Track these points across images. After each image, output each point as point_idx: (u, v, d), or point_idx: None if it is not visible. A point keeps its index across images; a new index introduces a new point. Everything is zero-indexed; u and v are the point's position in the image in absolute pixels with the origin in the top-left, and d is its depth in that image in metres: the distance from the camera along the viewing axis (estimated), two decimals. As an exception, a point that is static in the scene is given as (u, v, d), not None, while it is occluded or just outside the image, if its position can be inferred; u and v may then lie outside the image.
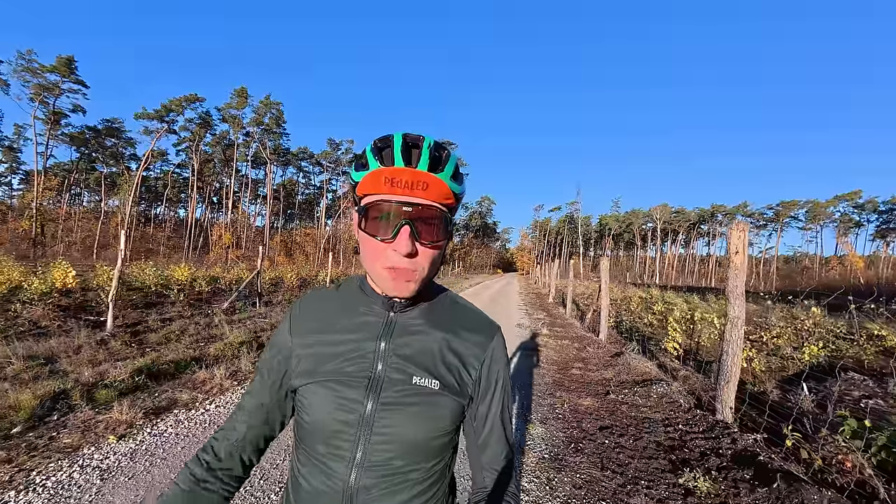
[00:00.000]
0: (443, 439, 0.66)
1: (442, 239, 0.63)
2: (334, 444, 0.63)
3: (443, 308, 0.72)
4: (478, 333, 0.71)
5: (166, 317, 8.71)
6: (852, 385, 4.23)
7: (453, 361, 0.67)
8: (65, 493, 2.21)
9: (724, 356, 3.62)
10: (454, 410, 0.66)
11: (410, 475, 0.64)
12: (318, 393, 0.65)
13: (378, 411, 0.62)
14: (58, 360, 4.95)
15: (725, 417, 3.48)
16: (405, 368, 0.65)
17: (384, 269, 0.62)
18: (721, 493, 2.42)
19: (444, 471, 0.69)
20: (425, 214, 0.60)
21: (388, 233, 0.60)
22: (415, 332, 0.68)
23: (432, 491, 0.67)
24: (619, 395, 4.36)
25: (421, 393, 0.64)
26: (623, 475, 2.67)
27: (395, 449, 0.63)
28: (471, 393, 0.69)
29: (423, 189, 0.59)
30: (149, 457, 2.66)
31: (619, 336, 8.03)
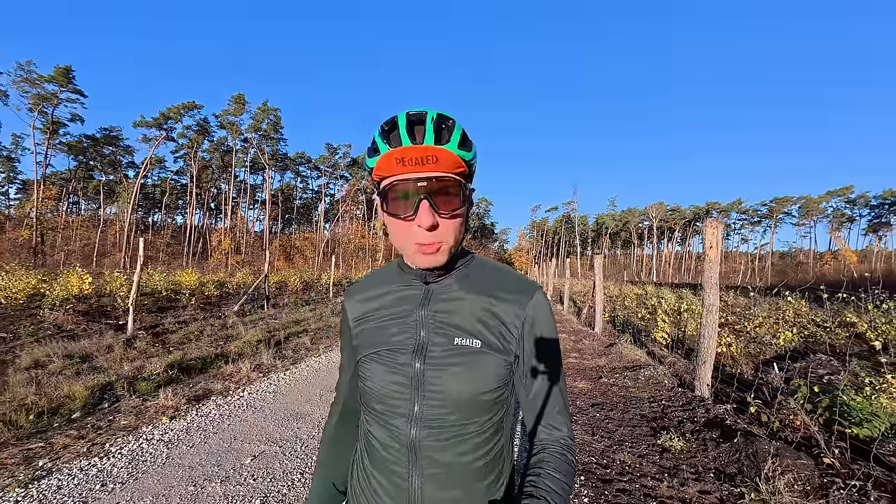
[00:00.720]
0: (491, 395, 0.68)
1: (460, 207, 0.65)
2: (392, 402, 0.69)
3: (478, 272, 0.76)
4: (516, 293, 0.72)
5: (180, 319, 9.09)
6: (819, 365, 4.68)
7: (492, 321, 0.70)
8: (141, 458, 2.63)
9: (702, 339, 4.07)
10: (498, 367, 0.68)
11: (466, 428, 0.67)
12: (374, 361, 0.72)
13: (426, 371, 0.67)
14: (94, 358, 5.34)
15: (703, 393, 3.93)
16: (446, 331, 0.69)
17: (413, 244, 0.65)
18: (692, 449, 2.87)
19: (500, 424, 0.72)
20: (440, 186, 0.63)
21: (409, 210, 0.63)
22: (452, 298, 0.72)
23: (490, 444, 0.70)
24: (610, 379, 4.80)
25: (463, 353, 0.68)
26: (610, 439, 3.11)
27: (447, 404, 0.67)
28: (515, 350, 0.70)
29: (434, 162, 0.61)
30: (202, 431, 3.08)
31: (613, 329, 8.49)
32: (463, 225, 0.69)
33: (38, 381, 4.31)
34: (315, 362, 5.61)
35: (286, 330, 8.08)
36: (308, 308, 11.99)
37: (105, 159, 52.22)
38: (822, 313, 7.86)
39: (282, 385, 4.42)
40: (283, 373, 4.99)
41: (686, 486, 2.41)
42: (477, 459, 0.68)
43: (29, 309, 8.72)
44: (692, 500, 2.26)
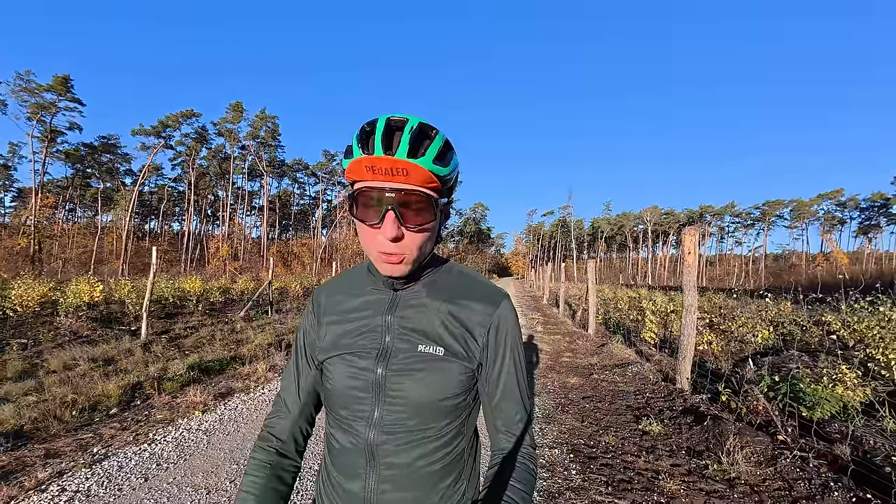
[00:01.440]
0: (452, 401, 0.69)
1: (428, 221, 0.65)
2: (354, 407, 0.69)
3: (447, 280, 0.76)
4: (482, 302, 0.73)
5: (189, 325, 9.41)
6: (791, 360, 5.10)
7: (457, 329, 0.71)
8: (185, 443, 2.99)
9: (682, 337, 4.48)
10: (461, 374, 0.69)
11: (425, 432, 0.68)
12: (337, 364, 0.72)
13: (388, 378, 0.68)
14: (116, 361, 5.68)
15: (683, 386, 4.33)
16: (410, 338, 0.70)
17: (377, 252, 0.66)
18: (668, 432, 3.26)
19: (460, 430, 0.72)
20: (409, 199, 0.62)
21: (376, 219, 0.63)
22: (417, 305, 0.72)
23: (448, 448, 0.71)
24: (600, 375, 5.20)
25: (426, 359, 0.68)
26: (598, 425, 3.50)
27: (407, 410, 0.68)
28: (479, 358, 0.72)
29: (404, 175, 0.60)
30: (233, 422, 3.44)
31: (606, 330, 8.89)
32: (431, 237, 0.69)
33: (71, 381, 4.64)
34: (325, 363, 5.97)
35: (292, 334, 8.42)
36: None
37: (103, 167, 52.36)
38: (803, 313, 8.31)
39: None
40: (297, 373, 5.35)
41: (660, 460, 2.80)
42: (435, 462, 0.69)
43: (41, 316, 9.02)
44: (664, 470, 2.65)
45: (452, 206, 0.75)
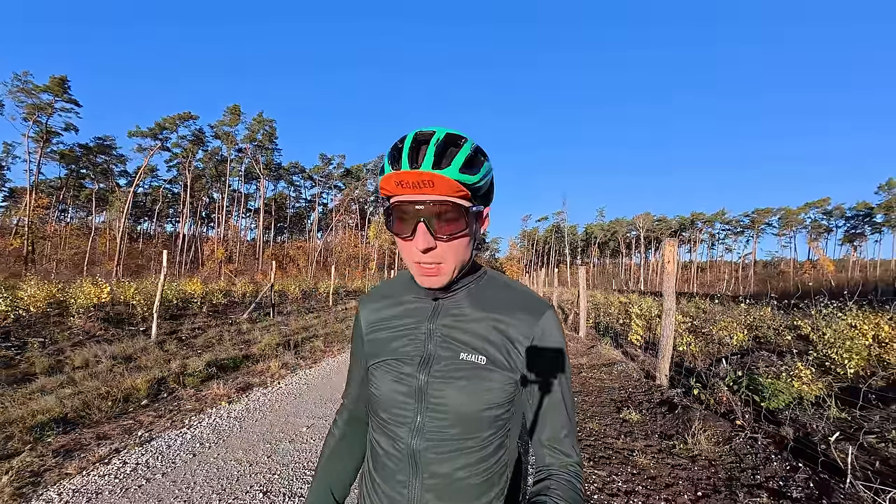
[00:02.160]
0: (494, 412, 0.69)
1: (460, 231, 0.65)
2: (396, 412, 0.71)
3: (489, 289, 0.76)
4: (525, 312, 0.73)
5: (195, 326, 9.73)
6: (761, 360, 5.60)
7: (499, 338, 0.70)
8: (220, 428, 3.38)
9: (662, 338, 4.95)
10: (503, 384, 0.69)
11: (466, 443, 0.68)
12: (381, 370, 0.74)
13: (430, 384, 0.69)
14: (135, 359, 6.02)
15: (661, 382, 4.79)
16: (452, 346, 0.71)
17: (413, 263, 0.68)
18: (645, 420, 3.71)
19: (503, 443, 0.72)
20: (437, 210, 0.63)
21: (408, 231, 0.65)
22: (460, 314, 0.73)
23: (492, 460, 0.70)
24: (589, 374, 5.65)
25: (467, 367, 0.69)
26: (584, 414, 3.95)
27: (449, 418, 0.68)
28: (522, 369, 0.71)
29: (431, 187, 0.61)
30: (259, 412, 3.84)
31: (596, 333, 9.37)
32: (468, 246, 0.69)
33: (98, 376, 4.99)
34: (333, 362, 6.36)
35: (298, 335, 8.79)
36: (312, 315, 12.67)
37: (97, 168, 52.22)
38: (780, 318, 8.87)
39: (311, 379, 5.18)
40: (308, 370, 5.73)
41: (636, 441, 3.25)
42: (477, 475, 0.69)
43: (49, 316, 9.29)
44: (638, 449, 3.10)
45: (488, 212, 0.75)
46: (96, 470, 2.65)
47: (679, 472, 2.73)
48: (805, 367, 4.03)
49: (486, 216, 0.74)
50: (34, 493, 2.39)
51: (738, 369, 4.54)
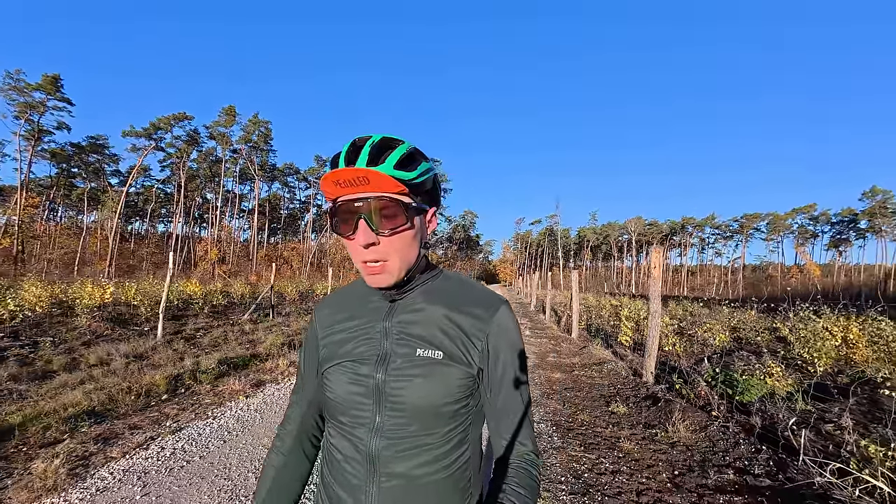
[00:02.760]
0: (453, 406, 0.69)
1: (401, 225, 0.66)
2: (354, 413, 0.71)
3: (444, 286, 0.78)
4: (480, 307, 0.74)
5: (198, 326, 9.93)
6: (740, 359, 5.99)
7: (456, 333, 0.72)
8: (243, 418, 3.67)
9: (648, 339, 5.33)
10: (461, 378, 0.70)
11: (425, 439, 0.69)
12: (337, 372, 0.73)
13: (388, 382, 0.69)
14: (147, 357, 6.26)
15: (647, 379, 5.16)
16: (409, 342, 0.71)
17: (360, 263, 0.68)
18: (631, 412, 4.07)
19: (463, 438, 0.72)
20: (376, 206, 0.64)
21: (350, 229, 0.66)
22: (415, 311, 0.74)
23: (452, 456, 0.70)
24: (581, 372, 6.01)
25: (425, 363, 0.69)
26: (576, 407, 4.30)
27: (408, 415, 0.68)
28: (479, 364, 0.72)
29: (365, 183, 0.63)
30: (275, 405, 4.13)
31: (588, 335, 9.75)
32: (413, 243, 0.70)
33: (115, 373, 5.24)
34: (337, 360, 6.66)
35: (300, 335, 9.04)
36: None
37: (89, 167, 51.76)
38: (762, 321, 9.34)
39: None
40: (314, 368, 6.03)
41: (622, 430, 3.61)
42: (437, 472, 0.69)
43: (52, 316, 9.44)
44: (624, 437, 3.45)
45: (441, 213, 0.92)
46: (138, 454, 2.94)
47: (659, 456, 3.09)
48: (776, 365, 4.42)
49: (433, 215, 0.76)
50: (87, 473, 2.66)
51: (717, 367, 4.93)
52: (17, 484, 2.54)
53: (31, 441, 3.22)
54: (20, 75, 36.34)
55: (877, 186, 66.98)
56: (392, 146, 0.67)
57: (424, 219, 0.73)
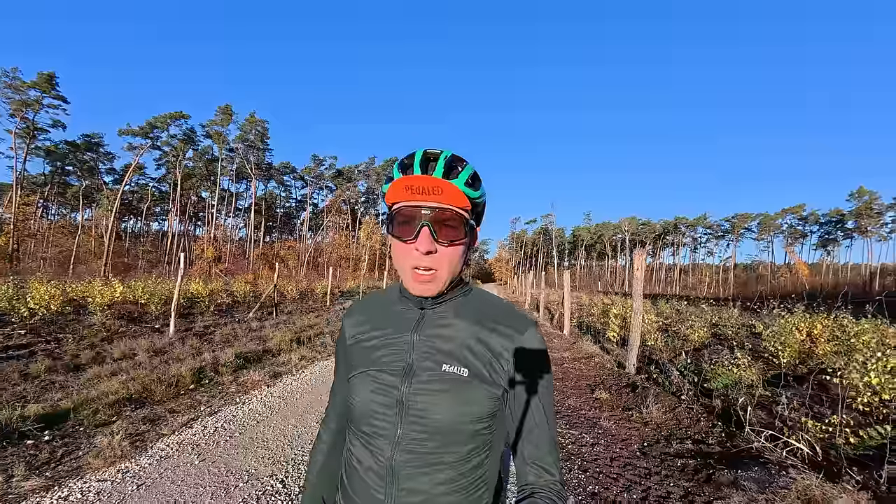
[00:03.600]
0: (475, 426, 0.69)
1: (460, 238, 0.69)
2: (376, 423, 0.71)
3: (474, 303, 0.78)
4: (509, 327, 0.73)
5: (206, 324, 10.33)
6: (715, 352, 6.55)
7: (483, 352, 0.71)
8: (270, 403, 4.15)
9: (631, 333, 5.86)
10: (485, 398, 0.69)
11: (445, 457, 0.68)
12: (362, 380, 0.74)
13: (411, 395, 0.69)
14: (166, 352, 6.69)
15: (630, 370, 5.69)
16: (435, 357, 0.71)
17: (409, 268, 0.69)
18: (612, 398, 4.59)
19: (484, 460, 0.72)
20: (442, 216, 0.67)
21: (411, 234, 0.68)
22: (444, 325, 0.74)
23: (471, 477, 0.70)
24: (570, 365, 6.53)
25: (450, 380, 0.69)
26: (564, 394, 4.81)
27: (428, 430, 0.68)
28: (504, 384, 0.71)
29: (439, 193, 0.66)
30: (296, 392, 4.61)
31: (579, 332, 10.30)
32: (462, 258, 0.72)
33: (141, 366, 5.67)
34: (344, 355, 7.14)
35: (306, 332, 9.50)
36: (313, 315, 13.34)
37: (84, 165, 51.58)
38: (740, 318, 9.95)
39: (330, 369, 5.94)
40: (324, 362, 6.49)
41: (603, 412, 4.13)
42: (455, 491, 0.69)
43: (65, 314, 9.81)
44: (605, 417, 3.97)
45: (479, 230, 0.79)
46: (185, 431, 3.40)
47: (633, 432, 3.61)
48: (744, 357, 4.96)
49: (476, 235, 0.78)
50: (146, 446, 3.13)
51: (690, 359, 5.48)
52: (88, 454, 3.00)
53: (84, 422, 3.67)
54: (16, 73, 36.21)
55: (863, 187, 68.44)
56: (462, 163, 0.71)
57: (474, 236, 0.76)
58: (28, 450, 3.08)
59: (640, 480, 2.75)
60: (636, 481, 2.74)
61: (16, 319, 8.08)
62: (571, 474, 2.85)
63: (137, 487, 2.50)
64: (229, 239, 57.52)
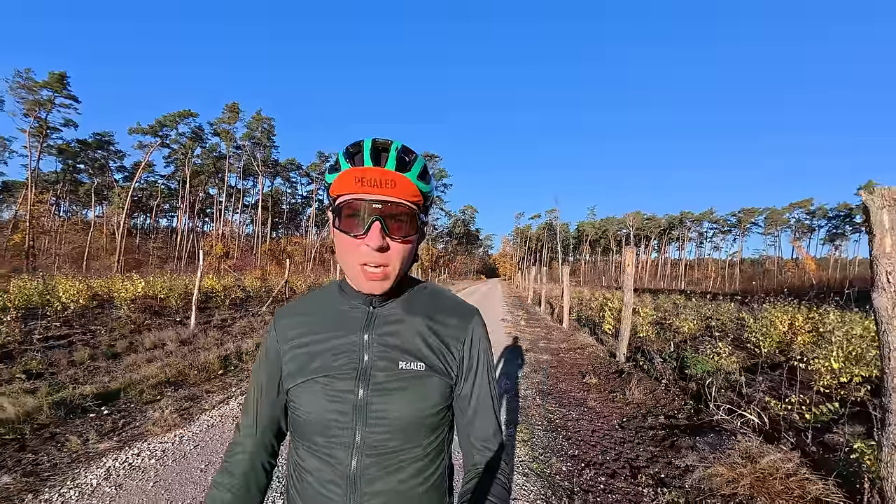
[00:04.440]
0: (434, 417, 0.70)
1: (412, 234, 0.67)
2: (332, 433, 0.67)
3: (422, 297, 0.78)
4: (457, 317, 0.76)
5: (223, 317, 10.91)
6: (703, 343, 6.98)
7: (436, 344, 0.72)
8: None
9: (622, 325, 6.31)
10: (442, 389, 0.71)
11: (407, 454, 0.68)
12: (310, 389, 0.69)
13: (370, 397, 0.67)
14: (192, 342, 7.24)
15: (620, 358, 6.15)
16: (390, 355, 0.69)
17: (358, 265, 0.66)
18: (601, 383, 5.06)
19: (441, 448, 0.73)
20: (394, 211, 0.64)
21: (361, 229, 0.64)
22: (395, 322, 0.73)
23: (431, 468, 0.71)
24: (566, 355, 7.00)
25: (408, 376, 0.69)
26: (556, 379, 5.29)
27: (390, 430, 0.67)
28: (455, 372, 0.73)
29: (391, 187, 0.63)
30: (314, 377, 5.13)
31: (577, 325, 10.75)
32: (412, 253, 0.70)
33: (172, 354, 6.22)
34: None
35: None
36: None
37: (95, 163, 52.57)
38: (735, 312, 10.35)
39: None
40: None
41: (590, 394, 4.60)
42: (419, 485, 0.69)
43: (91, 308, 10.42)
44: (592, 398, 4.45)
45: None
46: (223, 407, 3.93)
47: (615, 410, 4.08)
48: (725, 347, 5.40)
49: (426, 230, 0.77)
50: (192, 418, 3.65)
51: (679, 349, 5.92)
52: (144, 424, 3.52)
53: (134, 400, 4.20)
54: (29, 74, 37.02)
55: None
56: (412, 156, 0.67)
57: (424, 231, 0.75)
58: (93, 421, 3.61)
59: (614, 447, 3.22)
60: (611, 447, 3.21)
61: (50, 313, 8.68)
62: (556, 442, 3.32)
63: (194, 447, 3.02)
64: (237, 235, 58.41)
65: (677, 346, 6.77)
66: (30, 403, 3.65)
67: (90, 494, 2.37)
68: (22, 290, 9.32)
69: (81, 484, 2.47)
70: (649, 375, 5.09)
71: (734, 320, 8.85)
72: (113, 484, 2.48)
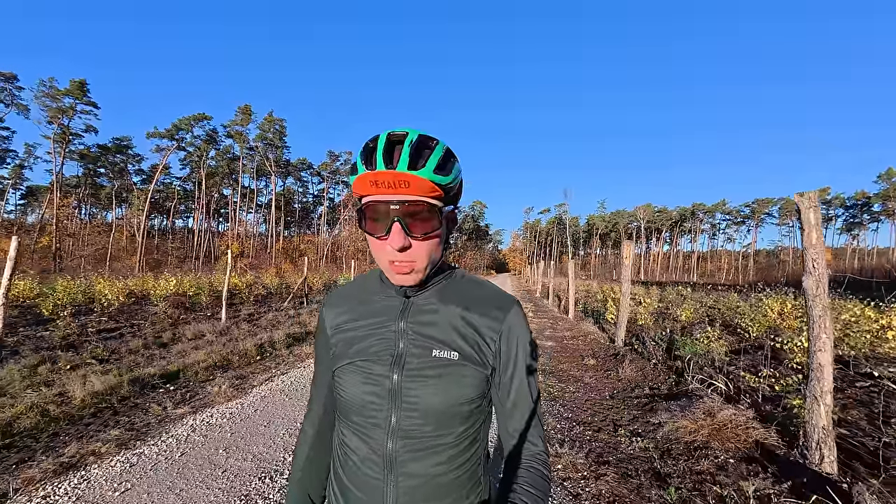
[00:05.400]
0: (468, 406, 0.71)
1: (434, 230, 0.67)
2: (369, 414, 0.71)
3: (458, 286, 0.78)
4: (493, 307, 0.75)
5: (249, 312, 11.68)
6: (697, 329, 7.47)
7: (470, 333, 0.73)
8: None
9: (620, 312, 6.84)
10: (476, 379, 0.71)
11: (441, 440, 0.70)
12: (350, 371, 0.73)
13: (404, 382, 0.70)
14: (226, 334, 7.98)
15: (618, 343, 6.69)
16: (424, 343, 0.72)
17: (387, 262, 0.68)
18: (598, 364, 5.62)
19: (476, 436, 0.74)
20: (412, 210, 0.65)
21: (382, 230, 0.66)
22: (430, 311, 0.74)
23: (466, 455, 0.73)
24: (570, 341, 7.56)
25: (440, 364, 0.70)
26: (558, 361, 5.86)
27: (423, 416, 0.69)
28: (492, 363, 0.73)
29: (406, 187, 0.63)
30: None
31: (583, 315, 11.28)
32: (440, 245, 0.71)
33: (212, 343, 6.95)
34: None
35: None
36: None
37: (115, 167, 54.33)
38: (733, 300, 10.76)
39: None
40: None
41: (587, 373, 5.17)
42: (452, 471, 0.71)
43: (128, 305, 11.27)
44: (588, 376, 5.02)
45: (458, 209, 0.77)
46: (269, 383, 4.61)
47: (607, 385, 4.65)
48: (714, 331, 5.90)
49: (455, 216, 0.76)
50: (245, 392, 4.33)
51: (675, 334, 6.43)
52: (208, 396, 4.21)
53: (191, 379, 4.91)
54: (53, 82, 38.51)
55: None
56: (430, 146, 0.66)
57: (452, 220, 0.75)
58: (164, 395, 4.32)
59: (603, 412, 3.80)
60: (600, 412, 3.79)
61: (97, 309, 9.52)
62: (554, 409, 3.91)
63: (254, 412, 3.69)
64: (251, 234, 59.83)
65: (672, 332, 7.28)
66: (112, 381, 4.37)
67: (185, 440, 3.05)
68: (66, 289, 10.20)
69: (176, 434, 3.16)
70: (642, 357, 5.63)
71: (732, 309, 9.28)
72: (200, 434, 3.16)
